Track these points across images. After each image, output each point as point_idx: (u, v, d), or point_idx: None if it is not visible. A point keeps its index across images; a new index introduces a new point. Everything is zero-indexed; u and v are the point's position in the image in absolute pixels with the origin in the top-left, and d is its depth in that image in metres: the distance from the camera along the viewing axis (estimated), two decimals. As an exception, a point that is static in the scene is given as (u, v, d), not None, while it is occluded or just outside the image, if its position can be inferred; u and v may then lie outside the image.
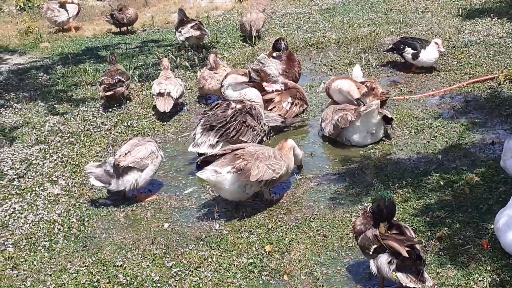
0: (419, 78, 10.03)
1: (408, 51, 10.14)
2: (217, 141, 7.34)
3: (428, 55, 10.02)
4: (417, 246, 4.88)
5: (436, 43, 10.03)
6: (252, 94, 7.84)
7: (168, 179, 7.50)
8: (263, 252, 5.81)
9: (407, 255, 4.77)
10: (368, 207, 5.18)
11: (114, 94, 9.55)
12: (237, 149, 6.56)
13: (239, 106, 7.64)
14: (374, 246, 4.93)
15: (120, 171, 6.76)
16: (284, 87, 8.91)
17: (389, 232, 5.01)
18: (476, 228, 5.86)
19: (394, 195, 6.53)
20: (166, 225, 6.46)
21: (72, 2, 14.87)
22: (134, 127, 8.96)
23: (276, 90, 8.82)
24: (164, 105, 9.09)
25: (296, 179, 7.16)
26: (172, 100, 9.17)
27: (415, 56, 10.07)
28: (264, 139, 7.76)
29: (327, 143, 8.10)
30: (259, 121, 7.67)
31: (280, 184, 6.95)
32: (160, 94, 9.18)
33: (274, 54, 9.87)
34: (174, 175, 7.57)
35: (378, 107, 7.66)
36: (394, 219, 5.15)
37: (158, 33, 14.64)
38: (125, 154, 6.88)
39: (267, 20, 14.35)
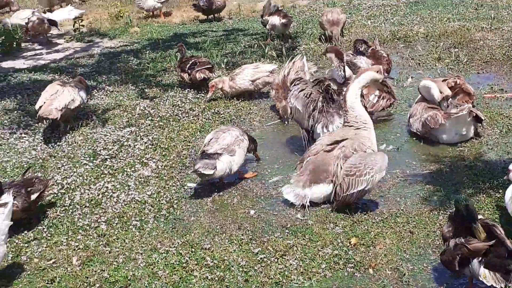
0: (511, 75, 9.76)
1: None
2: None
3: None
4: (508, 242, 4.78)
5: None
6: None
7: (254, 167, 7.60)
8: (348, 245, 5.82)
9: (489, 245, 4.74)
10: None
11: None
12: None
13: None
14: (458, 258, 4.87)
15: (208, 158, 6.88)
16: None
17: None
18: None
19: (484, 195, 6.43)
20: (252, 212, 6.56)
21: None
22: (221, 114, 9.11)
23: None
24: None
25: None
26: None
27: None
28: None
29: (414, 138, 8.01)
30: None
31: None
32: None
33: None
34: (260, 163, 7.65)
35: (469, 111, 7.51)
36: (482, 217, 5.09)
37: (244, 22, 14.77)
38: (209, 141, 7.07)
39: (353, 12, 14.26)
